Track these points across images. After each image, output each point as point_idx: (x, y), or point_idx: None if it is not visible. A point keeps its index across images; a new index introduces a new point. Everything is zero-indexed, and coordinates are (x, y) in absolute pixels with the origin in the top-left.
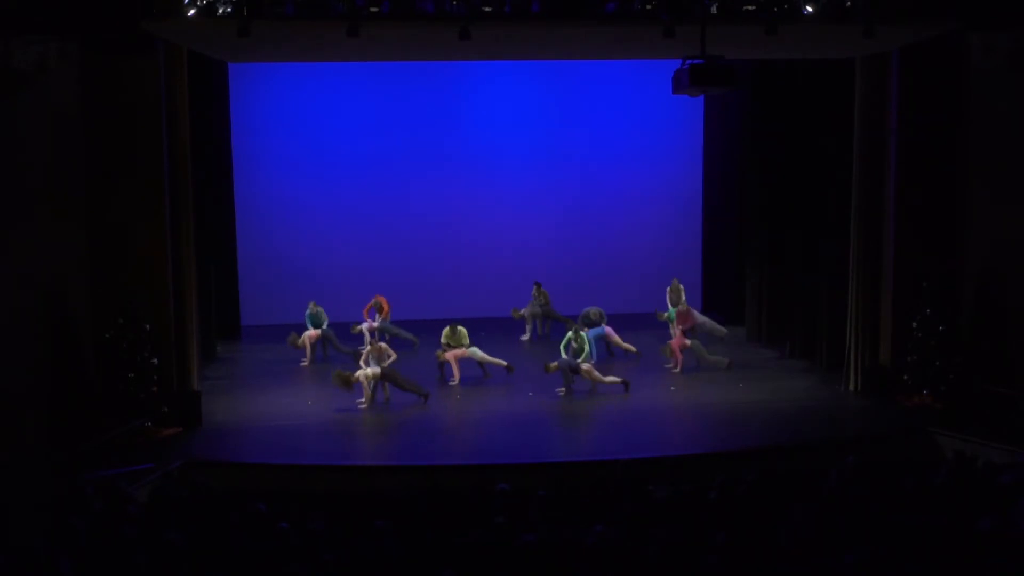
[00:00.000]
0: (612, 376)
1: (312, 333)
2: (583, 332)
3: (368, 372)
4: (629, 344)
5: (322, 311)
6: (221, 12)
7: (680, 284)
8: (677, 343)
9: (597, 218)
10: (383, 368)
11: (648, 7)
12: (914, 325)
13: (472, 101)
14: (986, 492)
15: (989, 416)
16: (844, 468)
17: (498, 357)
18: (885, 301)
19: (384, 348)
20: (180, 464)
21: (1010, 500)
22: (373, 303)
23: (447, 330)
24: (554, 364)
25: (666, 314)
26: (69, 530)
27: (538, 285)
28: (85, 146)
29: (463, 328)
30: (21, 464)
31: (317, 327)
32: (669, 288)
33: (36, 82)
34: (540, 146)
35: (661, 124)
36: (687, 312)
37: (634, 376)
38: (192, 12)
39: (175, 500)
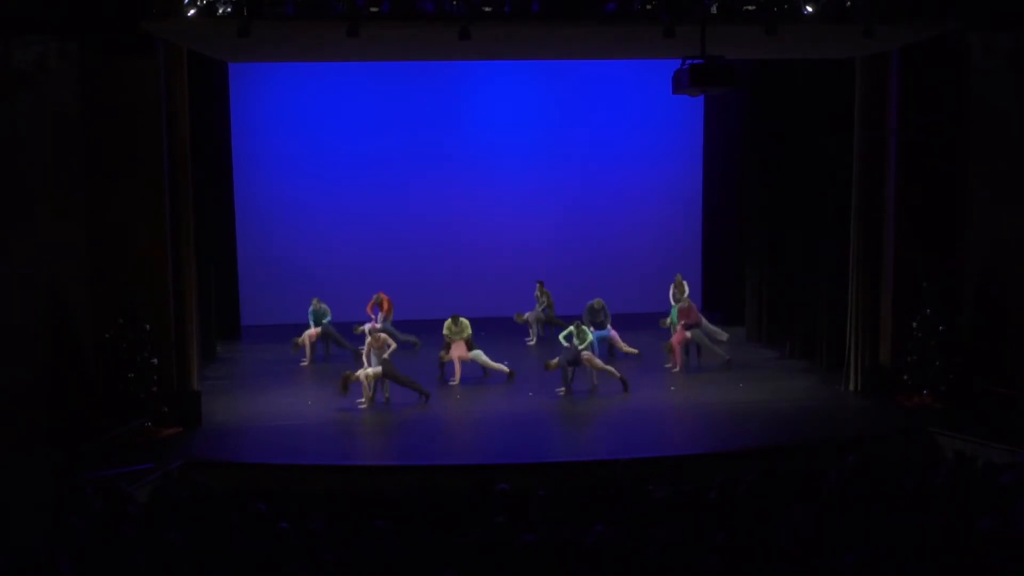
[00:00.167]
0: (610, 367)
1: (312, 332)
2: (585, 328)
3: (369, 372)
4: (632, 349)
5: (325, 307)
6: (221, 12)
7: (684, 280)
8: (678, 339)
9: (597, 218)
10: (384, 366)
11: (648, 7)
12: (914, 325)
13: (472, 101)
14: (986, 492)
15: (989, 416)
16: (844, 468)
17: (500, 358)
18: (885, 301)
19: (384, 339)
20: (180, 464)
21: (1010, 500)
22: (375, 300)
23: (449, 321)
24: (554, 361)
25: (668, 320)
26: (69, 530)
27: (540, 284)
28: (85, 146)
29: (464, 319)
30: (21, 464)
31: (318, 324)
32: (673, 284)
33: (36, 82)
34: (540, 146)
35: (661, 124)
36: (689, 308)
37: (634, 376)
38: (192, 12)
39: (175, 500)
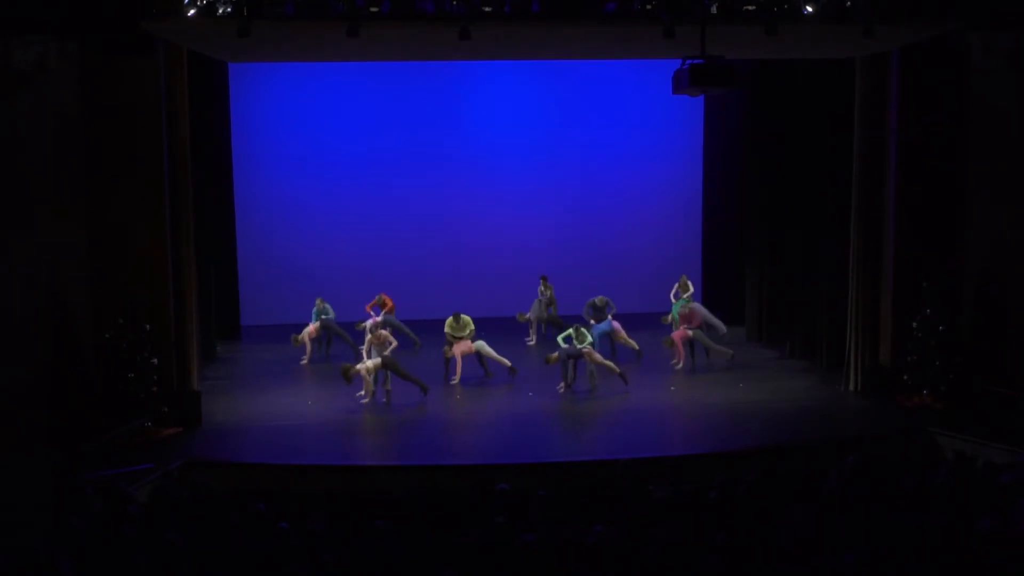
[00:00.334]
0: (610, 363)
1: (312, 328)
2: (584, 330)
3: (369, 364)
4: (632, 342)
5: (328, 307)
6: (221, 12)
7: (688, 280)
8: (679, 335)
9: (597, 218)
10: (384, 357)
11: (648, 7)
12: (914, 325)
13: (472, 101)
14: (986, 492)
15: (989, 416)
16: (844, 468)
17: (502, 356)
18: (885, 301)
19: (385, 335)
20: (180, 464)
21: (1010, 500)
22: (376, 300)
23: (450, 319)
24: (555, 355)
25: (670, 316)
26: (69, 530)
27: (544, 279)
28: (85, 146)
29: (466, 316)
30: (21, 464)
31: (318, 321)
32: (677, 284)
33: (36, 82)
34: (540, 146)
35: (661, 124)
36: (690, 312)
37: (635, 376)
38: (192, 12)
39: (175, 500)
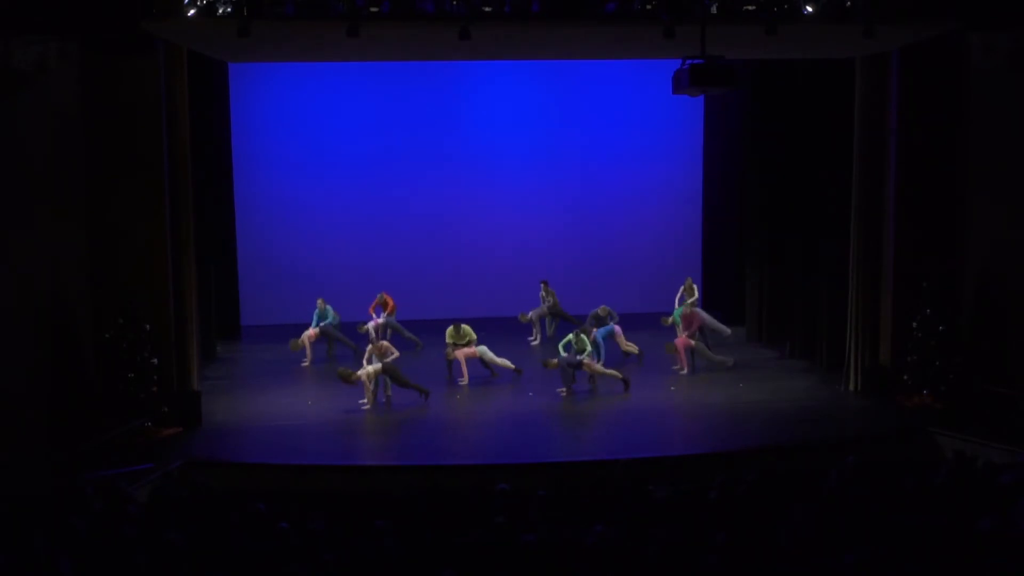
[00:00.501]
0: (612, 371)
1: (311, 332)
2: (584, 336)
3: (370, 370)
4: (632, 346)
5: (329, 309)
6: (221, 12)
7: (694, 284)
8: (682, 343)
9: (597, 218)
10: (384, 363)
11: (648, 7)
12: (914, 325)
13: (472, 101)
14: (986, 492)
15: (989, 416)
16: (844, 468)
17: (504, 358)
18: (885, 301)
19: (386, 346)
20: (180, 464)
21: (1010, 500)
22: (378, 300)
23: (451, 329)
24: (554, 360)
25: (671, 318)
26: (69, 530)
27: (545, 284)
28: (85, 146)
29: (467, 326)
30: (21, 464)
31: (318, 326)
32: (683, 287)
33: (36, 82)
34: (540, 146)
35: (661, 124)
36: (692, 315)
37: (635, 376)
38: (192, 12)
39: (175, 500)
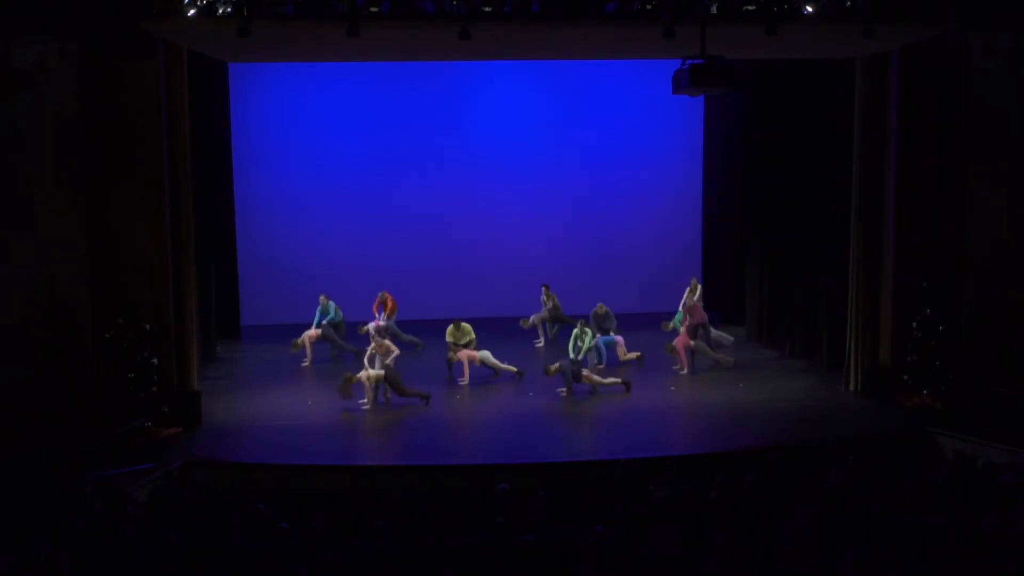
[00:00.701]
0: (612, 377)
1: (312, 333)
2: (588, 329)
3: (371, 373)
4: (632, 355)
5: (331, 306)
6: (221, 12)
7: (699, 284)
8: (681, 343)
9: (597, 218)
10: (386, 371)
11: (648, 7)
12: (914, 325)
13: (472, 101)
14: (986, 492)
15: (989, 416)
16: (844, 468)
17: (506, 360)
18: (885, 301)
19: (388, 345)
20: (180, 464)
21: (1010, 500)
22: (379, 300)
23: (451, 328)
24: (554, 367)
25: (671, 323)
26: (69, 530)
27: (546, 288)
28: (85, 146)
29: (467, 324)
30: (21, 464)
31: (319, 325)
32: (688, 289)
33: (36, 82)
34: (540, 146)
35: (661, 124)
36: (695, 307)
37: (635, 376)
38: (192, 12)
39: (175, 500)
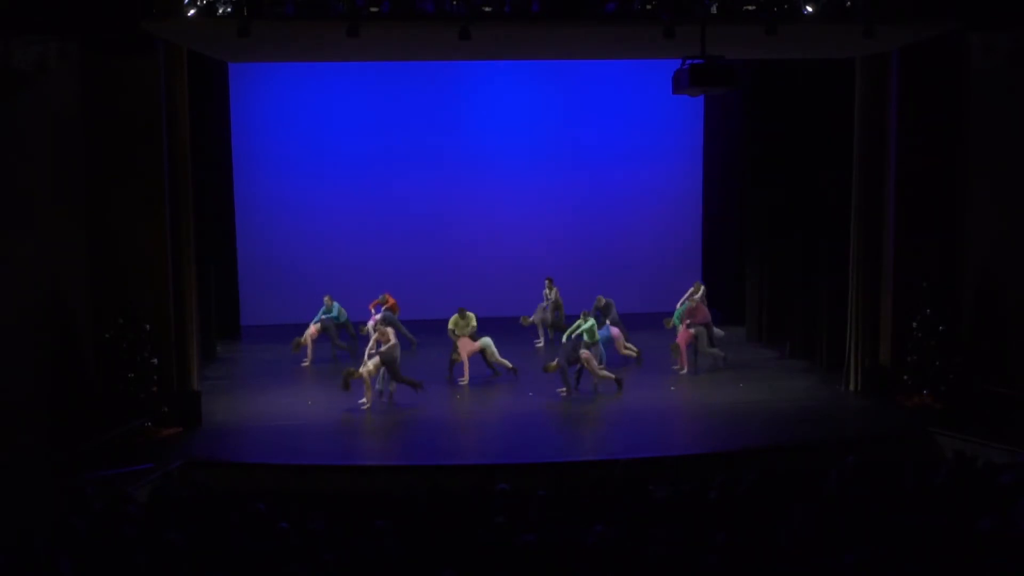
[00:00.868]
0: (606, 372)
1: (312, 329)
2: (589, 316)
3: (370, 366)
4: (630, 350)
5: (336, 305)
6: (221, 12)
7: (702, 286)
8: (684, 338)
9: (597, 218)
10: (382, 354)
11: (648, 7)
12: (914, 325)
13: (472, 101)
14: (986, 492)
15: (989, 416)
16: (844, 468)
17: (504, 359)
18: (885, 301)
19: (389, 332)
20: (180, 464)
21: (1010, 500)
22: (379, 301)
23: (455, 316)
24: (553, 363)
25: (672, 321)
26: (69, 530)
27: (549, 281)
28: (85, 146)
29: (471, 312)
30: (21, 464)
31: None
32: (691, 290)
33: (36, 82)
34: (540, 146)
35: (661, 124)
36: (697, 308)
37: (635, 376)
38: (192, 12)
39: (175, 500)
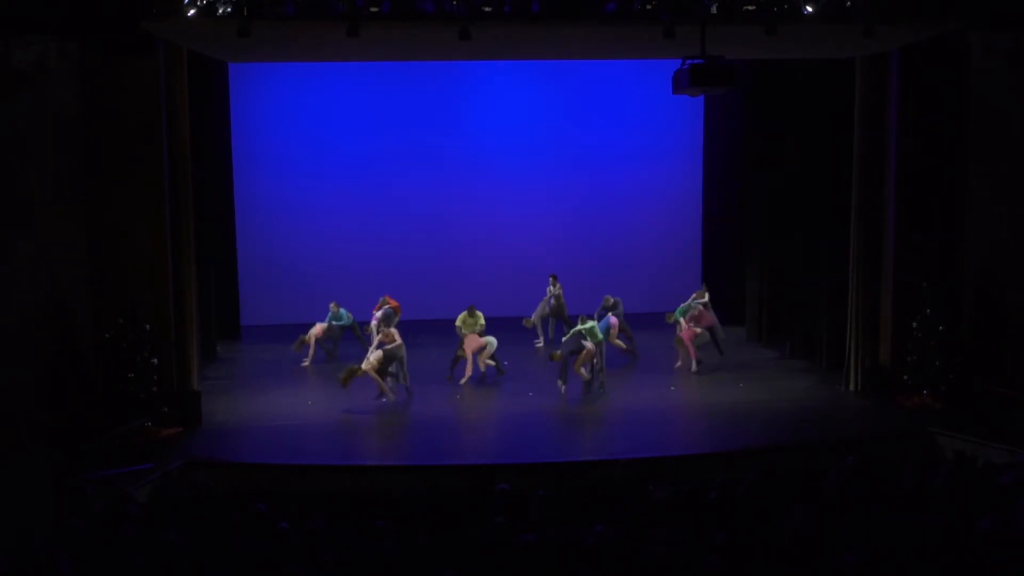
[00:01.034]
0: (584, 372)
1: (318, 329)
2: (591, 320)
3: (372, 360)
4: (621, 343)
5: (343, 311)
6: (221, 12)
7: (707, 292)
8: (688, 335)
9: (597, 218)
10: (387, 351)
11: (648, 7)
12: (914, 325)
13: (472, 101)
14: (986, 492)
15: (989, 416)
16: (844, 468)
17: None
18: (885, 301)
19: (393, 333)
20: (180, 464)
21: (1010, 500)
22: (380, 303)
23: (464, 314)
24: (559, 352)
25: (673, 316)
26: (69, 530)
27: (553, 277)
28: (85, 146)
29: (480, 312)
30: (21, 464)
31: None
32: (695, 294)
33: (36, 82)
34: (540, 146)
35: (661, 124)
36: (700, 315)
37: (634, 376)
38: (192, 12)
39: (175, 500)
